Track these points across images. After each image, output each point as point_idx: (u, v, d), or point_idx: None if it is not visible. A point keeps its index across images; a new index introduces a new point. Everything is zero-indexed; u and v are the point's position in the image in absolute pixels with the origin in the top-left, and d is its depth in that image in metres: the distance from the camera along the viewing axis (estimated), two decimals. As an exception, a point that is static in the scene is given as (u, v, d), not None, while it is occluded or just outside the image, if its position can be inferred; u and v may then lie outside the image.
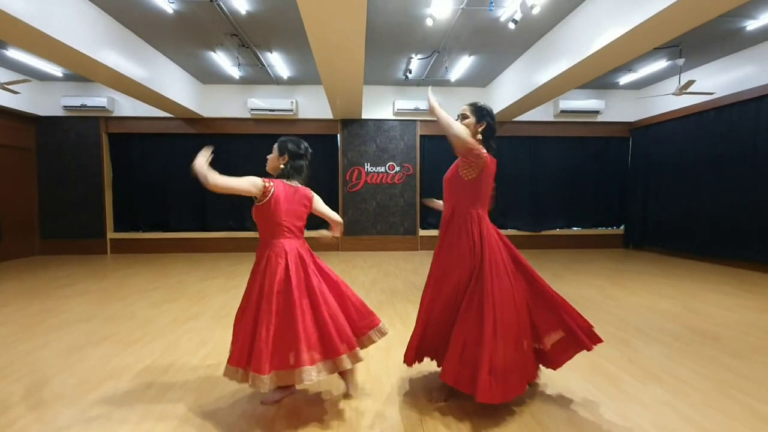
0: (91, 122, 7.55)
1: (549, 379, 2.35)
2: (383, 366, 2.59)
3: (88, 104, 7.25)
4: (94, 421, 1.94)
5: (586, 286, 4.80)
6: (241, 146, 7.92)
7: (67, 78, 7.20)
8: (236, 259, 7.02)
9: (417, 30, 5.24)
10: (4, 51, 5.87)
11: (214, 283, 5.09)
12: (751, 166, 5.76)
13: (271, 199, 1.99)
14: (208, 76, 7.22)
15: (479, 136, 2.07)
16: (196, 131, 7.85)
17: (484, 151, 2.01)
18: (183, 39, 5.61)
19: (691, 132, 6.81)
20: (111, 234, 7.78)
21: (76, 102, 7.24)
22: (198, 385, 2.33)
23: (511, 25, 4.52)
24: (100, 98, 7.28)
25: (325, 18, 3.69)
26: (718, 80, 6.22)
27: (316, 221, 2.39)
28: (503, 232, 7.54)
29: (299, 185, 2.14)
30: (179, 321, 3.54)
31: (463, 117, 2.11)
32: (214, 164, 1.93)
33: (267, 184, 2.01)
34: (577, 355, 2.75)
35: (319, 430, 1.85)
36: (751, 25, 5.00)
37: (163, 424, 1.91)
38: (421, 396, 2.18)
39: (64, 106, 7.34)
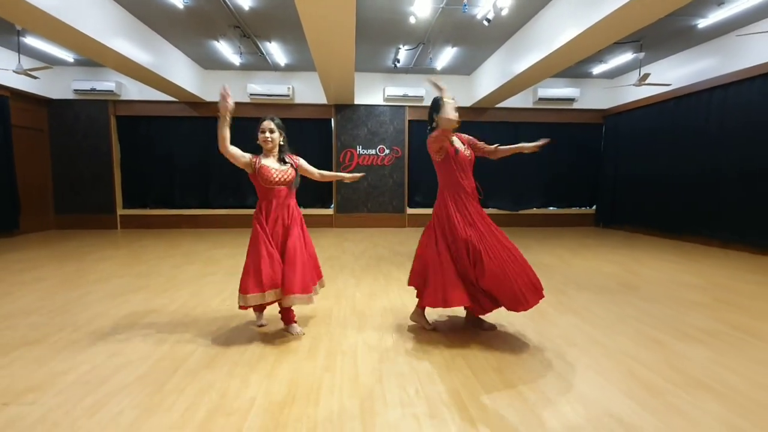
0: (100, 105, 8.05)
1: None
2: (368, 308, 3.28)
3: (98, 88, 7.74)
4: (148, 337, 2.61)
5: (548, 255, 5.52)
6: (242, 129, 8.43)
7: (78, 63, 7.65)
8: (238, 233, 7.66)
9: (403, 24, 5.78)
10: (23, 38, 6.32)
11: (221, 251, 5.74)
12: (703, 151, 6.44)
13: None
14: (210, 62, 7.71)
15: None
16: (198, 114, 8.37)
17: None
18: (189, 29, 6.11)
19: (655, 119, 7.46)
20: (121, 210, 8.38)
21: (86, 86, 7.72)
22: (220, 315, 3.01)
23: (485, 23, 5.10)
24: (108, 83, 7.77)
25: (318, 13, 4.20)
26: (676, 73, 6.85)
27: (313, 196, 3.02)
28: (485, 211, 8.12)
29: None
30: (198, 277, 4.20)
31: None
32: (215, 146, 2.54)
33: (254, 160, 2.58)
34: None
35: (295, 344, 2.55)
36: (702, 23, 5.60)
37: (198, 339, 2.59)
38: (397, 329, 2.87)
39: (75, 90, 7.81)
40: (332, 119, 8.55)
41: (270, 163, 2.62)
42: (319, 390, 1.93)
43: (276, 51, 7.00)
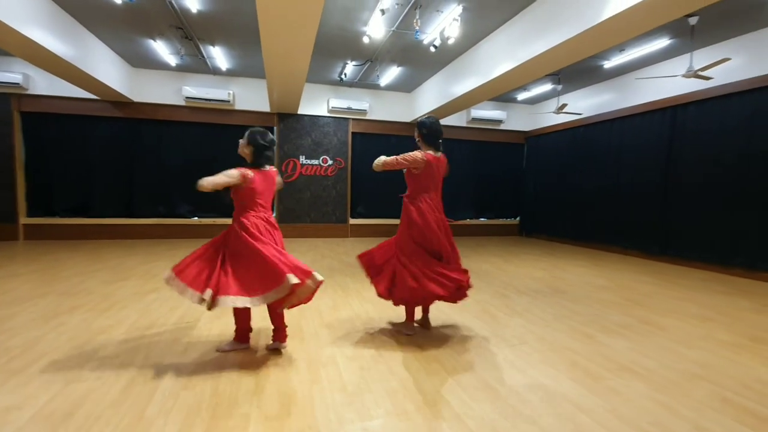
0: (1, 99, 7.02)
1: (448, 315, 3.34)
2: (332, 318, 3.37)
3: (0, 80, 6.76)
4: (106, 361, 2.43)
5: (485, 263, 6.04)
6: (175, 133, 7.97)
7: (-27, 49, 6.62)
8: (172, 244, 7.16)
9: (354, 42, 5.98)
10: None
11: (159, 264, 5.35)
12: (605, 171, 7.53)
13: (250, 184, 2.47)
14: (141, 60, 7.17)
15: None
16: (124, 115, 7.69)
17: (418, 155, 2.84)
18: (123, 25, 5.67)
19: (568, 142, 8.55)
20: (24, 219, 7.34)
21: (-16, 76, 6.71)
22: (183, 334, 2.89)
23: (432, 49, 5.50)
24: (13, 74, 6.83)
25: (280, 27, 4.15)
26: (585, 103, 7.96)
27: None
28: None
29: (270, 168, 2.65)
30: (141, 294, 3.91)
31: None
32: (146, 150, 2.38)
33: (245, 173, 2.44)
34: (471, 301, 3.80)
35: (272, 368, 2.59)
36: (607, 64, 6.61)
37: (167, 359, 2.48)
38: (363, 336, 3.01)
39: (-32, 80, 6.74)
40: (275, 127, 8.41)
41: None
42: (312, 401, 2.00)
43: (218, 55, 6.75)
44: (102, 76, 6.47)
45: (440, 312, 3.48)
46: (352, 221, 8.94)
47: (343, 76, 7.49)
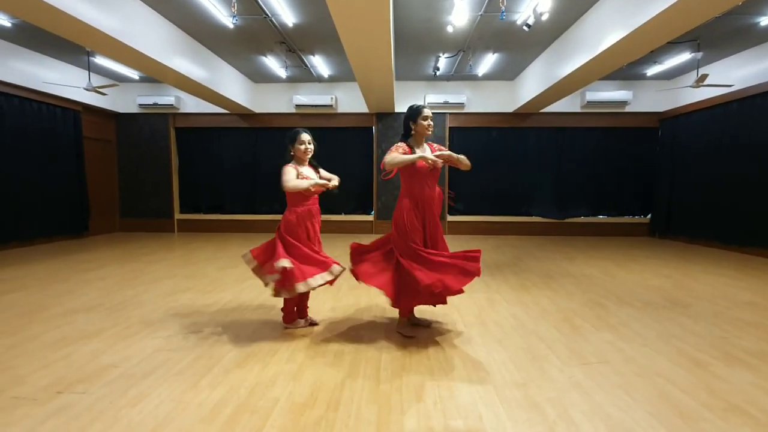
0: (161, 118, 8.76)
1: (520, 321, 2.99)
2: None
3: (159, 102, 8.43)
4: (190, 335, 2.82)
5: (590, 266, 5.27)
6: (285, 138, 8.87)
7: (142, 80, 8.38)
8: (282, 238, 7.98)
9: (441, 33, 5.80)
10: (92, 58, 7.04)
11: (264, 255, 6.02)
12: (770, 156, 5.88)
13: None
14: (259, 76, 8.15)
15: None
16: (248, 125, 8.85)
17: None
18: (239, 46, 6.52)
19: (716, 123, 6.90)
20: (178, 215, 9.03)
21: (149, 101, 8.44)
22: (256, 318, 3.19)
23: (525, 28, 5.00)
24: (168, 97, 8.44)
25: (355, 27, 4.32)
26: (738, 73, 6.31)
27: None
28: (528, 219, 8.35)
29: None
30: (241, 279, 4.46)
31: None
32: (265, 155, 2.75)
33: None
34: (552, 308, 3.38)
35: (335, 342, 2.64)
36: (765, 21, 5.13)
37: (234, 339, 2.77)
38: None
39: (140, 104, 8.56)
40: (373, 127, 8.71)
41: (307, 171, 2.86)
42: (340, 395, 2.01)
43: (319, 63, 7.27)
44: (231, 94, 7.55)
45: (511, 317, 3.16)
46: (450, 218, 8.72)
47: (436, 70, 7.34)
